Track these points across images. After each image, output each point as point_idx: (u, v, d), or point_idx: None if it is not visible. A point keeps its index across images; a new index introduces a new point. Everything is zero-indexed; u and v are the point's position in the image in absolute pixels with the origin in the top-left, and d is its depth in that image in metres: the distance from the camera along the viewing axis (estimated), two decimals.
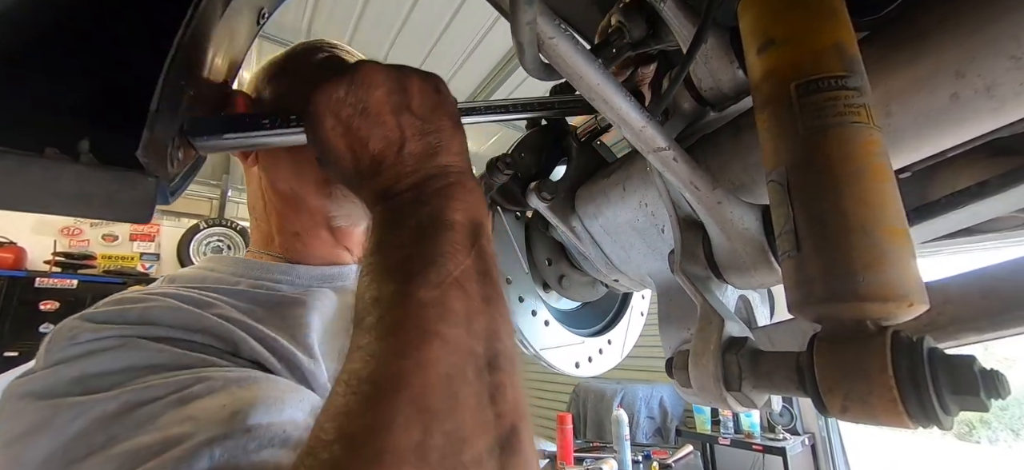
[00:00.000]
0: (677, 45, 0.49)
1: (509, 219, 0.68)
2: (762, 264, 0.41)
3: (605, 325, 0.78)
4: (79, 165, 0.27)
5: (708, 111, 0.53)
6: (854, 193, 0.29)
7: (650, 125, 0.36)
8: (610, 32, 0.51)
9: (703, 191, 0.39)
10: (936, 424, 0.25)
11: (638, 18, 0.50)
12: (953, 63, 0.35)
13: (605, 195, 0.59)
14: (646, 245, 0.58)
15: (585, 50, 0.32)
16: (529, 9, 0.30)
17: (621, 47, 0.50)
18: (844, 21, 0.34)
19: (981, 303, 0.39)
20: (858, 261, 0.27)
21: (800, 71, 0.33)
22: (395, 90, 0.38)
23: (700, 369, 0.36)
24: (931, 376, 0.25)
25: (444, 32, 3.09)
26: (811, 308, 0.30)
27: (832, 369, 0.28)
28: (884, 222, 0.28)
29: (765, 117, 0.35)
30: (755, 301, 0.55)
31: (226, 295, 0.44)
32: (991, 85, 0.35)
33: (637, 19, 0.50)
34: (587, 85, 0.34)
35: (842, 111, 0.31)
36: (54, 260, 4.15)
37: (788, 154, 0.32)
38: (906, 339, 0.27)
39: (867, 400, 0.26)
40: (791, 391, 0.31)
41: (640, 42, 0.51)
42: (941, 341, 0.40)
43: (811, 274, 0.29)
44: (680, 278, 0.44)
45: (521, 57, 0.36)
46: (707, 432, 3.60)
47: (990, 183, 0.49)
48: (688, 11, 0.46)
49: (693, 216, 0.47)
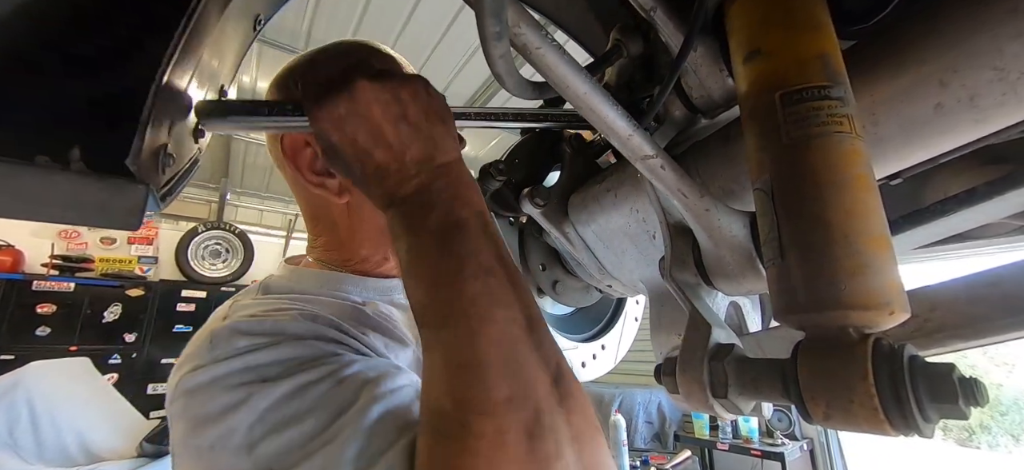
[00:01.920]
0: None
1: (503, 224, 0.68)
2: (750, 271, 0.41)
3: (599, 330, 0.78)
4: (70, 173, 0.28)
5: (699, 119, 0.54)
6: (837, 202, 0.29)
7: (637, 133, 0.36)
8: (608, 49, 0.52)
9: (691, 198, 0.40)
10: (917, 432, 0.25)
11: (635, 35, 0.51)
12: (936, 73, 0.36)
13: (597, 201, 0.59)
14: (638, 251, 0.58)
15: (571, 59, 0.33)
16: (500, 44, 0.31)
17: (622, 65, 0.51)
18: (829, 33, 0.35)
19: (967, 309, 0.39)
20: (841, 270, 0.28)
21: (785, 81, 0.33)
22: (391, 102, 0.42)
23: (687, 376, 0.36)
24: (911, 384, 0.25)
25: (442, 38, 3.11)
26: (795, 316, 0.30)
27: (815, 377, 0.28)
28: (866, 231, 0.29)
29: (751, 126, 0.35)
30: (746, 307, 0.55)
31: (316, 305, 0.51)
32: (974, 95, 0.35)
33: (634, 35, 0.51)
34: (574, 94, 0.34)
35: (826, 121, 0.31)
36: (52, 263, 4.14)
37: (773, 163, 0.32)
38: (887, 347, 0.27)
39: (849, 408, 0.27)
40: (776, 398, 0.31)
41: (639, 58, 0.52)
42: (928, 347, 0.41)
43: (795, 282, 0.30)
44: (669, 284, 0.45)
45: (504, 86, 0.38)
46: (705, 437, 3.59)
47: (978, 190, 0.50)
48: (678, 20, 0.47)
49: (683, 223, 0.47)
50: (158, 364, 4.34)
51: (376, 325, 0.54)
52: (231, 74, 0.73)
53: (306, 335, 0.44)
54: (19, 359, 3.27)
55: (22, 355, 3.53)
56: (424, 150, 0.42)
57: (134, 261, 4.70)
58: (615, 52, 0.50)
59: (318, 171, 0.60)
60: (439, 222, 0.40)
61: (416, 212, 0.41)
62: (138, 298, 4.35)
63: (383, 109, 0.41)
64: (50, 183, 0.27)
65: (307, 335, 0.44)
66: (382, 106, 0.41)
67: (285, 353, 0.42)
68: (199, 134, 0.50)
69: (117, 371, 4.13)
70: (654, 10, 0.47)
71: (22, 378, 2.51)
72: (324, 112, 0.41)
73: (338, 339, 0.46)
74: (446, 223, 0.40)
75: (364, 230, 0.63)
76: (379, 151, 0.41)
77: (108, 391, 3.05)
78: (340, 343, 0.46)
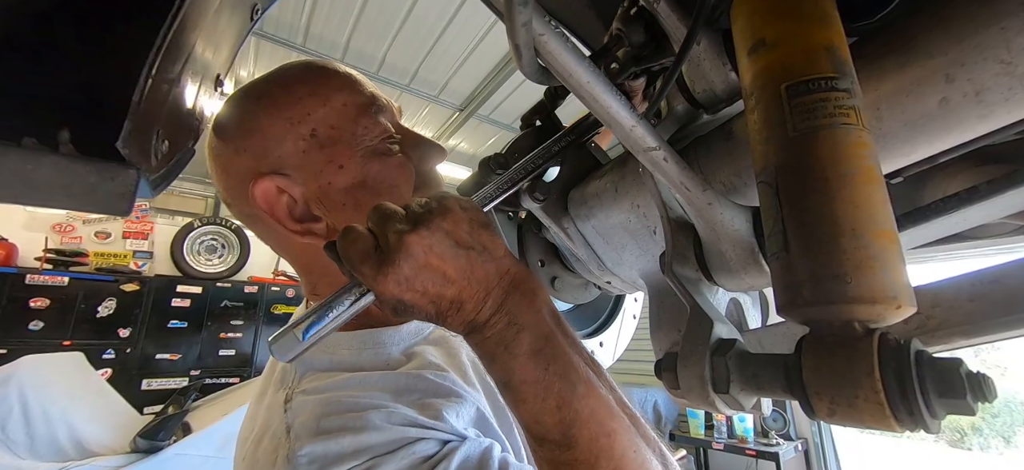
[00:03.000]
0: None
1: (502, 219, 0.67)
2: (752, 266, 0.41)
3: (597, 327, 0.77)
4: (58, 156, 0.27)
5: (701, 114, 0.53)
6: (843, 195, 0.29)
7: (640, 125, 0.36)
8: (610, 39, 0.51)
9: (693, 192, 0.39)
10: (923, 428, 0.25)
11: (636, 25, 0.50)
12: (942, 68, 0.35)
13: (598, 197, 0.59)
14: (638, 247, 0.58)
15: (575, 48, 0.32)
16: (524, 10, 0.30)
17: (623, 57, 0.50)
18: (835, 24, 0.34)
19: (969, 307, 0.39)
20: (847, 263, 0.27)
21: (791, 72, 0.32)
22: (441, 239, 0.42)
23: (688, 371, 0.36)
24: (918, 379, 0.25)
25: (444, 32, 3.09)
26: (799, 310, 0.30)
27: (820, 372, 0.28)
28: (873, 225, 0.28)
29: (755, 118, 0.35)
30: (746, 304, 0.55)
31: (373, 393, 0.53)
32: (980, 90, 0.35)
33: (636, 26, 0.50)
34: (577, 83, 0.33)
35: (832, 112, 0.31)
36: (45, 257, 4.11)
37: (777, 155, 0.32)
38: (894, 342, 0.26)
39: (854, 403, 0.26)
40: (779, 394, 0.31)
41: (641, 48, 0.51)
42: (930, 344, 0.40)
43: (800, 276, 0.29)
44: (670, 279, 0.44)
45: (518, 60, 0.36)
46: (701, 437, 3.61)
47: (978, 189, 0.49)
48: (682, 13, 0.46)
49: (684, 218, 0.46)
50: (152, 359, 4.32)
51: (436, 390, 0.55)
52: (227, 65, 0.72)
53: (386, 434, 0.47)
54: (12, 353, 3.25)
55: (15, 350, 3.51)
56: (484, 266, 0.43)
57: (129, 256, 4.67)
58: (616, 42, 0.50)
59: (299, 217, 0.57)
60: (531, 345, 0.42)
61: (504, 337, 0.42)
62: (133, 293, 4.32)
63: (438, 250, 0.41)
64: (37, 165, 0.26)
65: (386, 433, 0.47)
66: (436, 248, 0.41)
67: (373, 439, 0.45)
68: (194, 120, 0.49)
69: (111, 366, 4.10)
70: (657, 2, 0.46)
71: (15, 372, 2.49)
72: (389, 281, 0.40)
73: (404, 423, 0.49)
74: (538, 343, 0.42)
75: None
76: (448, 288, 0.42)
77: (102, 386, 3.04)
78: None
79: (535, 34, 0.31)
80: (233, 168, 0.58)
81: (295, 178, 0.57)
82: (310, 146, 0.57)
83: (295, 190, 0.57)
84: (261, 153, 0.57)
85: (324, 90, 0.59)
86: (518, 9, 0.29)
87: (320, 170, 0.57)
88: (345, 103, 0.59)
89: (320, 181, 0.57)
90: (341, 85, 0.60)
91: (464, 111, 3.96)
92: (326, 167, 0.57)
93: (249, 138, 0.57)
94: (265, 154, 0.57)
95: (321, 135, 0.58)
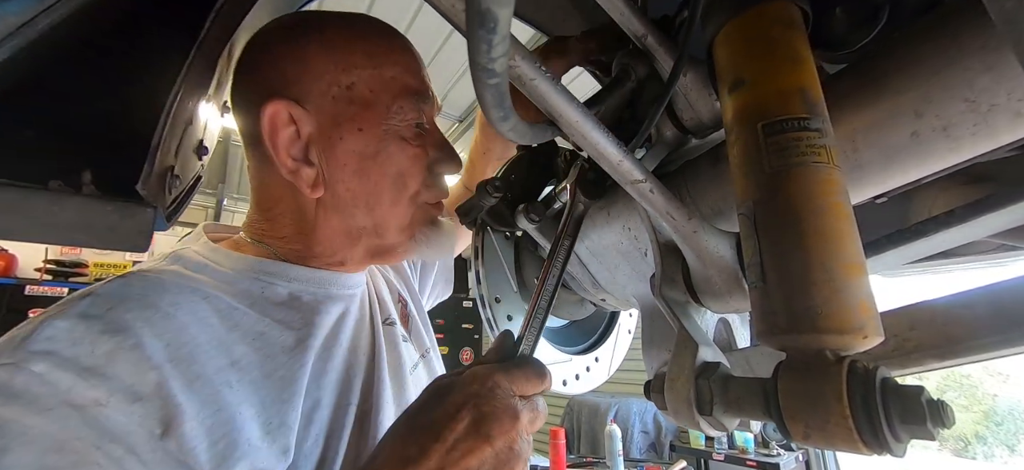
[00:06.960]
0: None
1: (499, 239, 0.69)
2: (736, 290, 0.42)
3: (593, 343, 0.79)
4: (81, 197, 0.29)
5: (689, 139, 0.56)
6: (814, 230, 0.31)
7: (627, 159, 0.38)
8: (617, 74, 0.54)
9: (679, 220, 0.41)
10: (888, 452, 0.27)
11: (641, 59, 0.53)
12: (912, 104, 0.38)
13: (591, 219, 0.61)
14: (630, 268, 0.60)
15: (564, 89, 0.34)
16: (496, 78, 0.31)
17: (626, 90, 0.53)
18: (809, 66, 0.36)
19: (944, 330, 0.41)
20: (817, 296, 0.29)
21: (766, 112, 0.35)
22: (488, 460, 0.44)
23: (674, 393, 0.37)
24: (883, 405, 0.27)
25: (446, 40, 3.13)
26: (776, 338, 0.31)
27: (794, 397, 0.30)
28: (842, 258, 0.30)
29: (735, 153, 0.37)
30: (735, 323, 0.57)
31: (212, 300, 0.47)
32: (947, 125, 0.37)
33: (640, 60, 0.53)
34: (567, 122, 0.35)
35: (804, 151, 0.33)
36: (45, 267, 4.12)
37: (755, 190, 0.34)
38: (862, 369, 0.28)
39: (825, 428, 0.28)
40: (758, 417, 0.33)
41: (645, 80, 0.54)
42: (907, 366, 0.42)
43: (775, 306, 0.31)
44: (659, 302, 0.46)
45: (491, 119, 0.39)
46: (701, 448, 3.59)
47: (956, 213, 0.51)
48: (669, 46, 0.49)
49: (672, 242, 0.48)
50: None
51: (264, 334, 0.51)
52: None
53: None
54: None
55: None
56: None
57: (129, 267, 4.67)
58: (624, 76, 0.52)
59: (295, 156, 0.56)
60: None
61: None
62: None
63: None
64: (62, 207, 0.28)
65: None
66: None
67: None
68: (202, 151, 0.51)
69: None
70: (645, 37, 0.49)
71: None
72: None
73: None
74: None
75: (330, 229, 0.61)
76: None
77: None
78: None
79: (526, 78, 0.33)
80: (260, 76, 0.57)
81: (311, 115, 0.56)
82: (342, 95, 0.57)
83: (305, 126, 0.56)
84: (293, 78, 0.56)
85: (381, 57, 0.59)
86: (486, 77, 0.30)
87: (340, 122, 0.57)
88: (394, 77, 0.59)
89: (334, 131, 0.57)
90: (397, 61, 0.60)
91: (463, 122, 4.00)
92: (347, 122, 0.57)
93: (289, 62, 0.56)
94: (297, 81, 0.56)
95: (357, 92, 0.57)
